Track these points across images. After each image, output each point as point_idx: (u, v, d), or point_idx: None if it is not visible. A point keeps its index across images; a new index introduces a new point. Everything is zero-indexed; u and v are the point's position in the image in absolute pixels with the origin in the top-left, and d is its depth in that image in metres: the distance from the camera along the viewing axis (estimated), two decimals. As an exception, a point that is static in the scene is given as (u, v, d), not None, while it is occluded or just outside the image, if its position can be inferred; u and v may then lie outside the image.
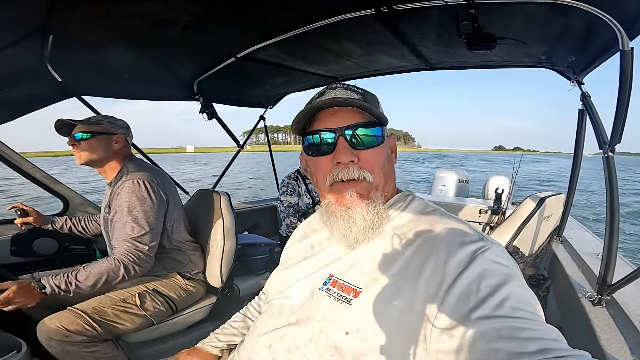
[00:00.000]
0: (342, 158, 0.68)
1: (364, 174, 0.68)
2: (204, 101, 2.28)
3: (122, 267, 1.33)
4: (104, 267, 1.31)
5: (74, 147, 1.46)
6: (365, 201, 0.69)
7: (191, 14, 1.22)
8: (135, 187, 1.43)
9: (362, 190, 0.69)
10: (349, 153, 0.68)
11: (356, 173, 0.68)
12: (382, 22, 1.32)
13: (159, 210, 1.47)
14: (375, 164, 0.70)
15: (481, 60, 1.79)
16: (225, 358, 0.97)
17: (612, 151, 1.17)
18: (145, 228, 1.40)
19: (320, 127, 0.71)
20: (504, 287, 0.54)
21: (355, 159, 0.68)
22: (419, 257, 0.63)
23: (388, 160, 0.75)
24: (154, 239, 1.44)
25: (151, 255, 1.43)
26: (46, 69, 1.45)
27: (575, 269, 1.61)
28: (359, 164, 0.69)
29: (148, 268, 1.43)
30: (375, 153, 0.71)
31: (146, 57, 1.61)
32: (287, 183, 2.61)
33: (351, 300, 0.65)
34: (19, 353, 1.26)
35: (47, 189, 1.94)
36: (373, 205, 0.69)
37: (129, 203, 1.40)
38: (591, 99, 1.50)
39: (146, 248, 1.39)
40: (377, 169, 0.70)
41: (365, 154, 0.69)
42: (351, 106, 0.70)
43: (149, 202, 1.44)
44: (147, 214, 1.42)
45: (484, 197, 4.16)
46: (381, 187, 0.72)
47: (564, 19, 1.15)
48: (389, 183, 0.75)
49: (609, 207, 1.17)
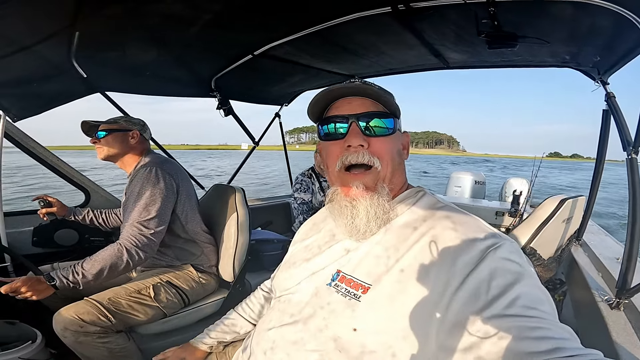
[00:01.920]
0: (353, 141, 0.70)
1: (373, 159, 0.70)
2: (221, 98, 2.32)
3: (125, 252, 1.35)
4: (107, 254, 1.33)
5: (96, 144, 1.58)
6: (371, 193, 0.70)
7: (211, 12, 1.25)
8: (146, 173, 1.48)
9: (369, 181, 0.71)
10: (360, 137, 0.70)
11: (366, 157, 0.70)
12: (399, 21, 1.31)
13: (168, 197, 1.50)
14: (385, 152, 0.72)
15: (502, 59, 1.75)
16: (218, 353, 1.00)
17: (636, 153, 1.13)
18: (152, 213, 1.43)
19: (335, 114, 0.74)
20: (515, 285, 0.53)
21: (366, 144, 0.70)
22: (429, 253, 0.63)
23: (398, 153, 0.76)
24: (161, 224, 1.46)
25: (155, 241, 1.44)
26: (72, 65, 1.50)
27: (594, 273, 1.56)
28: (369, 149, 0.70)
29: (152, 254, 1.45)
30: (386, 142, 0.72)
31: (167, 54, 1.65)
32: (302, 180, 2.63)
33: (360, 297, 0.65)
34: (34, 343, 1.30)
35: (70, 181, 2.01)
36: (377, 198, 0.70)
37: (139, 188, 1.45)
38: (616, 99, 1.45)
39: (151, 232, 1.41)
40: (387, 158, 0.72)
41: (376, 141, 0.71)
42: (366, 95, 0.72)
43: (159, 188, 1.47)
44: (155, 200, 1.45)
45: (501, 199, 4.06)
46: (388, 178, 0.72)
47: (589, 18, 1.11)
48: (397, 176, 0.75)
49: (631, 210, 1.14)
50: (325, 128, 0.75)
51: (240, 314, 1.03)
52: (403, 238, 0.68)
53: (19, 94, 1.65)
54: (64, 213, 1.77)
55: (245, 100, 2.60)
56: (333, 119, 0.74)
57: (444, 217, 0.68)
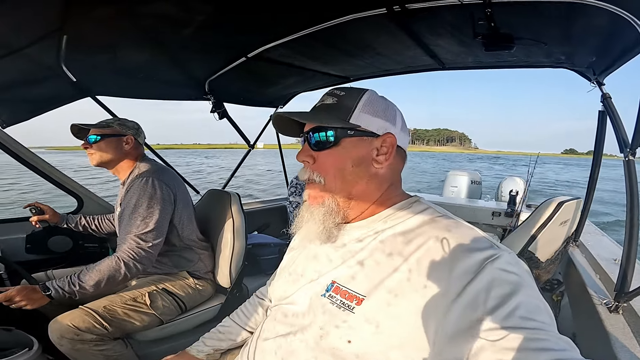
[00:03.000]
0: (298, 157, 0.74)
1: (314, 175, 0.72)
2: (215, 101, 2.29)
3: (122, 265, 1.34)
4: (104, 266, 1.32)
5: (87, 149, 1.52)
6: (320, 203, 0.72)
7: (204, 14, 1.22)
8: (144, 184, 1.45)
9: (315, 192, 0.73)
10: (303, 154, 0.73)
11: (307, 174, 0.72)
12: (395, 22, 1.30)
13: (165, 209, 1.48)
14: (330, 167, 0.71)
15: (497, 60, 1.74)
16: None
17: (633, 154, 1.13)
18: (150, 225, 1.41)
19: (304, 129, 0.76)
20: (513, 296, 0.52)
21: (311, 160, 0.72)
22: (425, 265, 0.61)
23: (355, 163, 0.70)
24: (159, 236, 1.44)
25: (153, 253, 1.43)
26: (61, 69, 1.47)
27: (592, 275, 1.56)
28: (312, 166, 0.72)
29: (150, 266, 1.44)
30: (329, 156, 0.71)
31: (159, 57, 1.62)
32: (296, 184, 2.61)
33: (353, 308, 0.63)
34: (31, 351, 1.28)
35: (61, 187, 1.98)
36: (324, 210, 0.71)
37: (136, 200, 1.42)
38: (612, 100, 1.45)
39: (149, 245, 1.40)
40: (332, 171, 0.70)
41: (320, 156, 0.72)
42: (300, 119, 0.73)
43: (156, 200, 1.45)
44: (153, 212, 1.43)
45: (497, 199, 4.07)
46: (338, 191, 0.71)
47: (585, 18, 1.10)
48: (359, 187, 0.71)
49: (629, 211, 1.13)
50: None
51: (235, 322, 1.01)
52: (398, 249, 0.66)
53: (8, 99, 1.61)
54: (57, 220, 1.74)
55: (239, 103, 2.57)
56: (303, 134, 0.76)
57: (440, 227, 0.66)
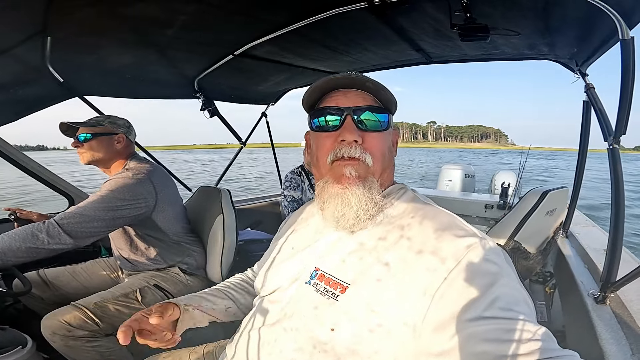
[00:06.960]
0: (347, 136, 0.69)
1: (365, 155, 0.69)
2: (205, 99, 2.30)
3: (46, 226, 1.23)
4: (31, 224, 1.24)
5: (78, 148, 1.50)
6: (362, 182, 0.69)
7: (186, 14, 1.23)
8: (121, 177, 1.41)
9: (361, 170, 0.69)
10: (354, 132, 0.69)
11: (358, 152, 0.69)
12: (377, 16, 1.31)
13: (126, 207, 1.38)
14: (378, 149, 0.71)
15: (482, 53, 1.75)
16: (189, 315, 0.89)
17: (617, 143, 1.14)
18: (89, 213, 1.30)
19: (330, 105, 0.72)
20: (492, 287, 0.53)
21: (360, 139, 0.69)
22: (408, 253, 0.62)
23: (389, 150, 0.76)
24: (94, 227, 1.30)
25: (67, 238, 1.25)
26: (48, 70, 1.47)
27: (581, 266, 1.56)
28: (362, 145, 0.70)
29: (59, 248, 1.26)
30: (379, 138, 0.72)
31: (145, 57, 1.63)
32: (291, 178, 2.62)
33: (338, 296, 0.64)
34: (24, 348, 1.29)
35: (52, 187, 1.98)
36: (369, 188, 0.69)
37: (109, 186, 1.38)
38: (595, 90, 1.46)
39: (71, 227, 1.26)
40: (378, 154, 0.71)
41: (370, 136, 0.71)
42: (364, 88, 0.71)
43: (122, 195, 1.37)
44: (106, 204, 1.33)
45: (491, 192, 4.10)
46: (378, 174, 0.72)
47: (562, 9, 1.12)
48: (386, 173, 0.75)
49: (613, 200, 1.13)
50: (320, 115, 0.74)
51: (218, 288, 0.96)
52: (382, 236, 0.67)
53: None
54: None
55: (230, 101, 2.58)
56: (328, 110, 0.72)
57: (422, 215, 0.68)
